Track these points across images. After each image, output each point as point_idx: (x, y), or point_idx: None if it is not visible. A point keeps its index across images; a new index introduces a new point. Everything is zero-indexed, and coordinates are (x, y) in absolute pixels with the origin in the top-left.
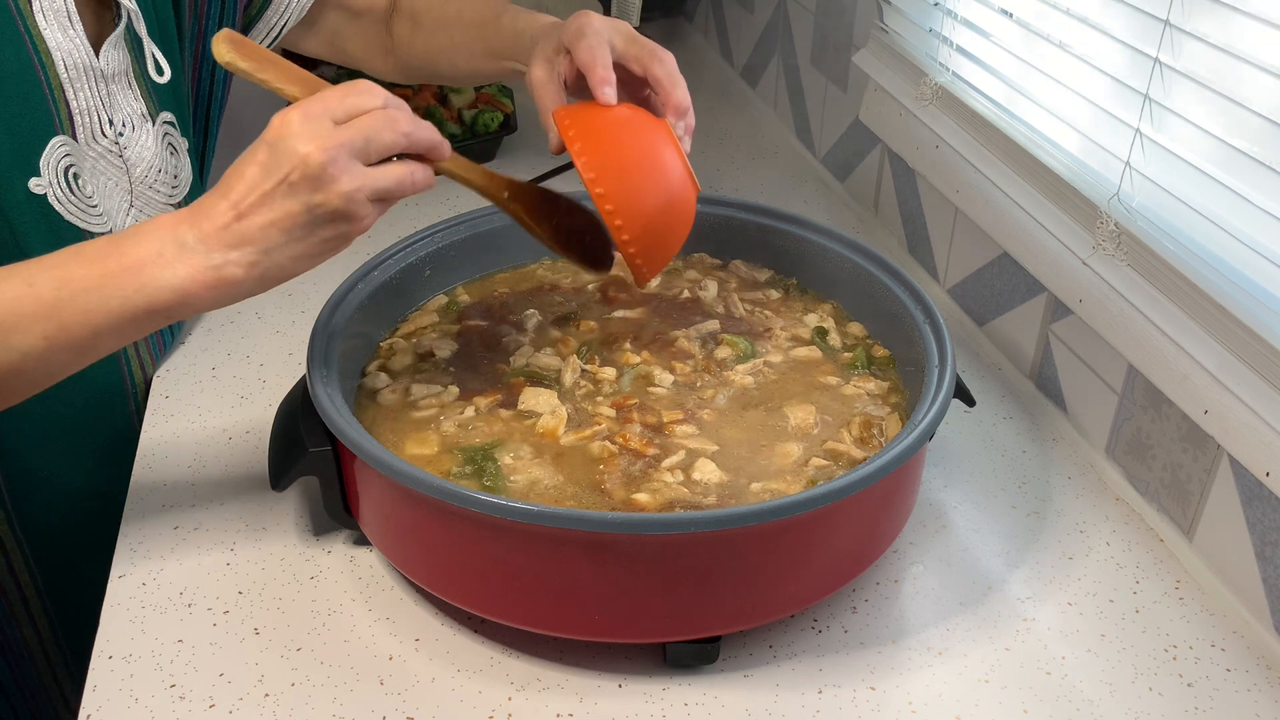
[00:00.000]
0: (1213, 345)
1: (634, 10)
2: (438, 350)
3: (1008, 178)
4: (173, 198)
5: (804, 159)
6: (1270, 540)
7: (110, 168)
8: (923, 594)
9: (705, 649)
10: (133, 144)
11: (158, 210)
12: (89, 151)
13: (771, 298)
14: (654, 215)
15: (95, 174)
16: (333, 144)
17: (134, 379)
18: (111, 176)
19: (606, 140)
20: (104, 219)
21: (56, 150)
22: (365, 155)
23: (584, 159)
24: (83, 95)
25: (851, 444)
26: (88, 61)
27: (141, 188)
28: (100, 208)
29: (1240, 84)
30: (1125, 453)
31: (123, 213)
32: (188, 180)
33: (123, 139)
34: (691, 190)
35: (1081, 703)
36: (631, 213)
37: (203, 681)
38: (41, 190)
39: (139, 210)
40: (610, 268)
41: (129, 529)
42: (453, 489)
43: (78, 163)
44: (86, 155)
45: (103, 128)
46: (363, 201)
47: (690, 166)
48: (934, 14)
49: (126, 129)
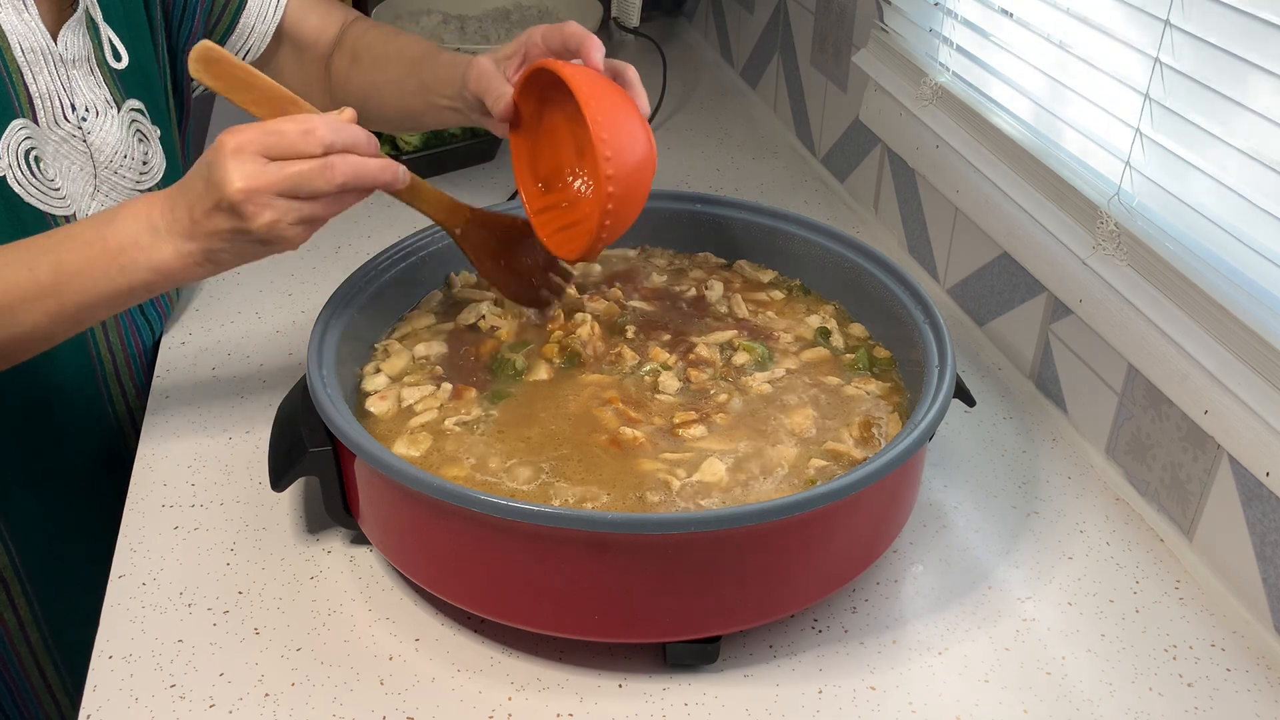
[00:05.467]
0: (1213, 345)
1: (634, 10)
2: (432, 350)
3: (1008, 178)
4: (141, 183)
5: (804, 159)
6: (1270, 540)
7: (74, 152)
8: (923, 594)
9: (705, 649)
10: (96, 129)
11: (124, 195)
12: (51, 135)
13: (776, 298)
14: (636, 173)
15: (58, 157)
16: (257, 184)
17: (100, 357)
18: (75, 161)
19: (604, 89)
20: (66, 202)
21: (17, 133)
22: (293, 194)
23: (593, 104)
24: (42, 79)
25: (852, 444)
26: (45, 45)
27: (106, 173)
28: (63, 190)
29: (1240, 84)
30: (1125, 453)
31: (87, 196)
32: (160, 166)
33: (86, 124)
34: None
35: (1081, 703)
36: (622, 167)
37: (203, 681)
38: (0, 172)
39: (105, 195)
40: (549, 309)
41: (129, 529)
42: (453, 489)
43: (39, 146)
44: (49, 139)
45: (65, 112)
46: (285, 227)
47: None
48: (934, 14)
49: (90, 114)
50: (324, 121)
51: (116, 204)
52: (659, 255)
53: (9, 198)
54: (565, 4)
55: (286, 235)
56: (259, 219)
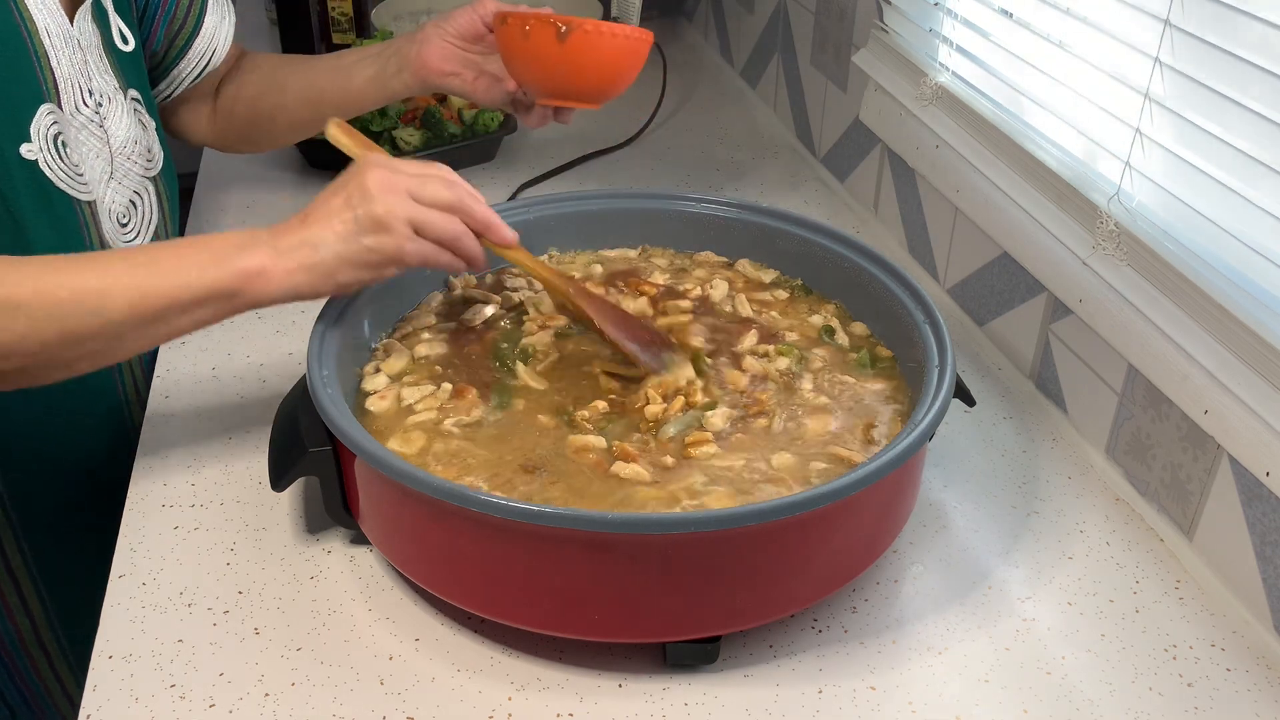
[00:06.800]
0: (1213, 345)
1: (634, 10)
2: (432, 350)
3: (1008, 178)
4: (148, 170)
5: (804, 159)
6: (1270, 540)
7: (92, 138)
8: (923, 594)
9: (705, 649)
10: (111, 115)
11: (136, 181)
12: (73, 121)
13: (779, 298)
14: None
15: (78, 143)
16: (392, 181)
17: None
18: (92, 147)
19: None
20: (88, 187)
21: (45, 118)
22: (418, 197)
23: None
24: (64, 63)
25: (857, 447)
26: (66, 29)
27: (120, 159)
28: (85, 176)
29: (1240, 84)
30: (1125, 453)
31: (103, 182)
32: (159, 156)
33: (102, 109)
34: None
35: (1081, 703)
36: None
37: (203, 681)
38: (32, 156)
39: (118, 181)
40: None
41: (129, 529)
42: (453, 489)
43: (64, 131)
44: (71, 124)
45: (84, 97)
46: (399, 221)
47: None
48: (934, 14)
49: (105, 101)
50: (449, 173)
51: (129, 190)
52: (659, 255)
53: (41, 182)
54: (564, 3)
55: (396, 224)
56: (381, 201)
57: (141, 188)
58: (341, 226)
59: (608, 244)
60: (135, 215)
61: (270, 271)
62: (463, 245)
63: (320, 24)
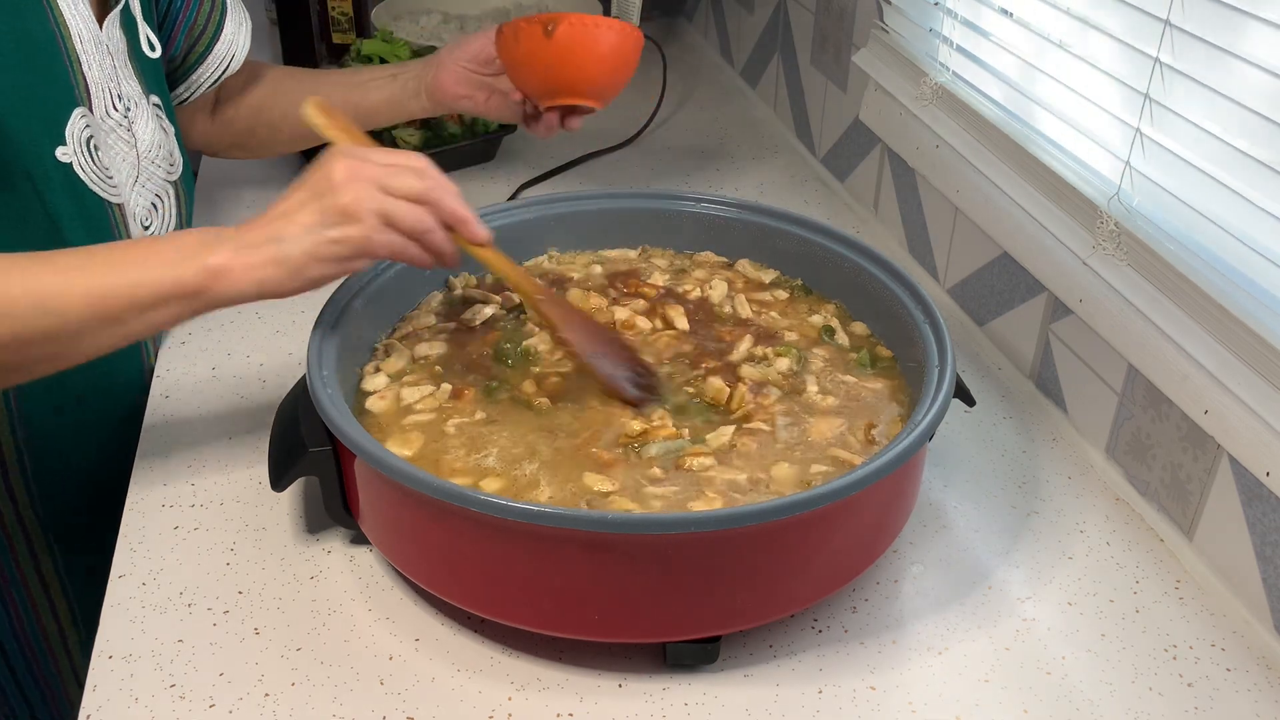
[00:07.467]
0: (1213, 345)
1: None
2: (432, 350)
3: (1008, 178)
4: (171, 174)
5: (804, 159)
6: (1270, 540)
7: (120, 142)
8: (923, 594)
9: (705, 649)
10: (138, 120)
11: (160, 185)
12: (103, 125)
13: (779, 298)
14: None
15: (108, 147)
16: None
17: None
18: (121, 151)
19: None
20: (118, 190)
21: (78, 121)
22: (386, 189)
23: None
24: (95, 68)
25: (857, 448)
26: (96, 34)
27: (146, 162)
28: (115, 179)
29: (1240, 84)
30: (1125, 453)
31: (130, 186)
32: (180, 161)
33: (130, 114)
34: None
35: (1081, 703)
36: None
37: (203, 681)
38: (68, 159)
39: (143, 185)
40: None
41: (129, 529)
42: (453, 489)
43: (96, 134)
44: (101, 128)
45: (114, 101)
46: (366, 210)
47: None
48: (934, 14)
49: (132, 105)
50: (423, 163)
51: (152, 193)
52: (659, 255)
53: (75, 184)
54: (564, 3)
55: (363, 215)
56: (347, 191)
57: (164, 191)
58: (307, 219)
59: (607, 244)
60: (156, 218)
61: (233, 268)
62: (431, 239)
63: (320, 24)
